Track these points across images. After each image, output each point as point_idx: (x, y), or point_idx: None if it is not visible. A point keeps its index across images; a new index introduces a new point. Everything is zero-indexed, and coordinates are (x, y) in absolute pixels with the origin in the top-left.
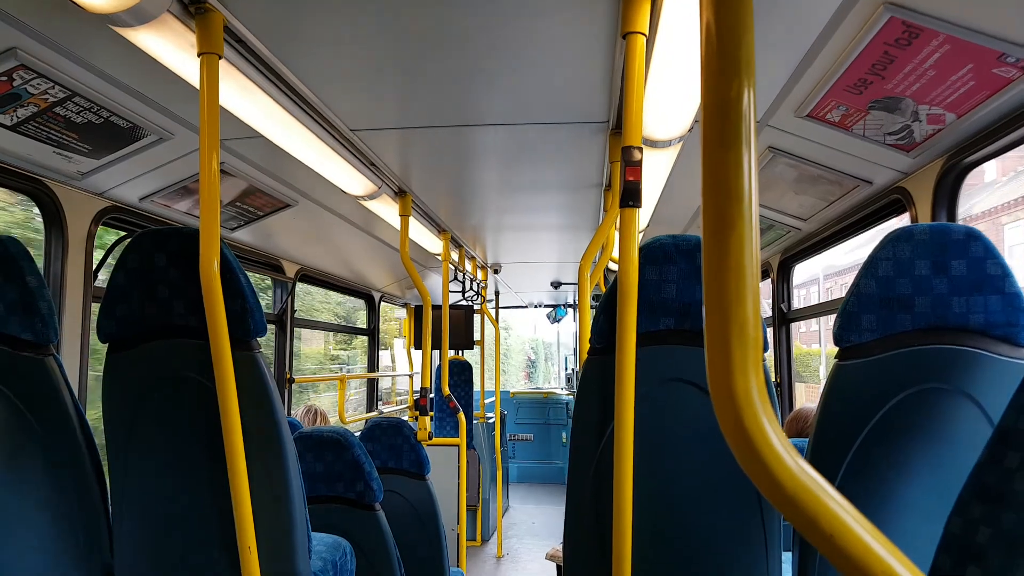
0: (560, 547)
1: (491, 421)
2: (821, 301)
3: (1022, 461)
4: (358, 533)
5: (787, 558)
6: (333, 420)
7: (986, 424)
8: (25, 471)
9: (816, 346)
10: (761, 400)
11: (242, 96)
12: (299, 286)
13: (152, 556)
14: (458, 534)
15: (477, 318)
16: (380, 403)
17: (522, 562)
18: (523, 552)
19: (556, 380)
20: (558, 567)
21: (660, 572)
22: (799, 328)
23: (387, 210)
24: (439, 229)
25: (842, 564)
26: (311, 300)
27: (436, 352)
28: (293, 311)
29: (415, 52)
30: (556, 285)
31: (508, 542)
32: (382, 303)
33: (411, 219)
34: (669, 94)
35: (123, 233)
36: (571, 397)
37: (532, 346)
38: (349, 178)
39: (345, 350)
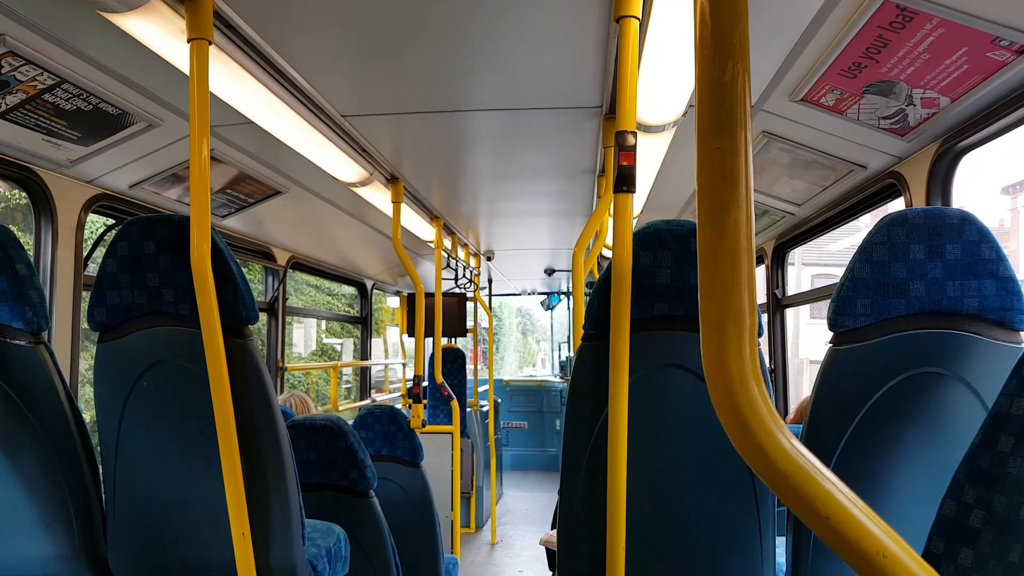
0: (553, 533)
1: (485, 409)
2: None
3: (1015, 445)
4: (352, 521)
5: (780, 543)
6: (322, 408)
7: (980, 408)
8: (17, 460)
9: None
10: (756, 383)
11: (232, 82)
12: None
13: (145, 544)
14: (452, 521)
15: (470, 306)
16: (373, 391)
17: (516, 548)
18: (517, 538)
19: (547, 361)
20: (549, 551)
21: (654, 557)
22: None
23: (379, 197)
24: (432, 216)
25: (838, 545)
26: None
27: (429, 340)
28: (285, 299)
29: (406, 37)
30: (550, 272)
31: (502, 528)
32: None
33: (403, 206)
34: (663, 78)
35: (113, 221)
36: (565, 384)
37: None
38: (340, 164)
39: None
